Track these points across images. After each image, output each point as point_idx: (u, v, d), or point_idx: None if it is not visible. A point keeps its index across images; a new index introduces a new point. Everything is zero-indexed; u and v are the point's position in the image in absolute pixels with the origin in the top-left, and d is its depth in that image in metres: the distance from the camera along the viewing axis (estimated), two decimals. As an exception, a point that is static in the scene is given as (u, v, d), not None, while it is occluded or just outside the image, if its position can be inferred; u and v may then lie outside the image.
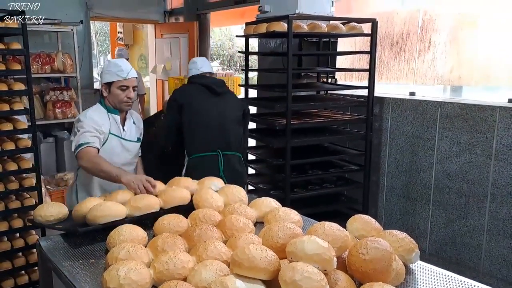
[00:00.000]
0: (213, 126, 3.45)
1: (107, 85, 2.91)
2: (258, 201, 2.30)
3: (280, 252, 1.63)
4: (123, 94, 2.89)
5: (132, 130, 3.06)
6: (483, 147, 3.59)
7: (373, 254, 1.52)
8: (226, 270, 1.61)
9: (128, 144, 3.01)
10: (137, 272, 1.56)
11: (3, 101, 3.37)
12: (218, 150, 3.44)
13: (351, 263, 1.56)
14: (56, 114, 5.89)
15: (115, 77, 2.87)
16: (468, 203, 3.73)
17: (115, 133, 2.94)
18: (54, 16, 5.87)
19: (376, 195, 4.49)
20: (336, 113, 4.62)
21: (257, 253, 1.53)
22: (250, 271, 1.50)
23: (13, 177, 3.48)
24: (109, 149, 2.90)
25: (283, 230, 1.72)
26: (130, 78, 2.91)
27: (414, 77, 4.63)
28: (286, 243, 1.63)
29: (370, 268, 1.50)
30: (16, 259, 3.56)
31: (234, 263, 1.54)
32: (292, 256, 1.55)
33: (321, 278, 1.43)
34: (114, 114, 2.95)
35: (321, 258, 1.50)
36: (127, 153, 3.02)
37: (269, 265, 1.51)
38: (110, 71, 2.90)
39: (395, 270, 1.55)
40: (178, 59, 7.58)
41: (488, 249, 3.62)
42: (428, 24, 4.45)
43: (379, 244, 1.55)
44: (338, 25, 4.07)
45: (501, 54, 3.92)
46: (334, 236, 1.65)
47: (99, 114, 2.92)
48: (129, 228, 1.96)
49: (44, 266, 2.05)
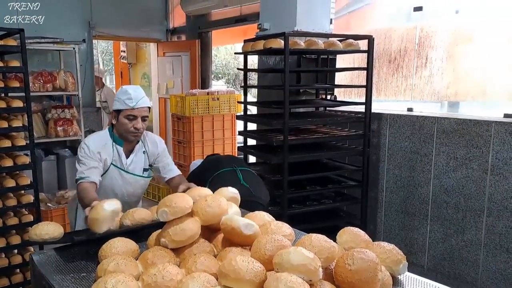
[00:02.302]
0: None
1: (116, 113, 2.74)
2: (251, 215, 2.25)
3: (268, 264, 1.63)
4: (130, 124, 2.70)
5: (138, 162, 2.88)
6: (479, 161, 3.60)
7: (359, 265, 1.52)
8: (214, 282, 1.61)
9: (130, 177, 2.86)
10: (125, 284, 1.57)
11: (2, 118, 3.42)
12: None
13: (338, 274, 1.57)
14: (58, 132, 5.94)
15: (123, 105, 2.69)
16: (465, 217, 3.72)
17: (117, 165, 2.80)
18: (56, 35, 5.97)
19: (375, 211, 4.49)
20: (334, 129, 4.64)
21: (244, 265, 1.53)
22: (236, 283, 1.51)
23: (11, 194, 3.51)
24: (110, 179, 2.79)
25: (271, 242, 1.71)
26: (139, 108, 2.70)
27: (412, 93, 4.66)
28: (274, 255, 1.63)
29: (356, 278, 1.51)
30: (14, 276, 3.58)
31: (221, 274, 1.55)
32: (278, 268, 1.55)
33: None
34: (118, 145, 2.80)
35: (306, 268, 1.51)
36: (128, 185, 2.86)
37: (255, 276, 1.52)
38: (119, 98, 2.72)
39: (381, 281, 1.55)
40: (180, 77, 7.66)
41: (486, 264, 3.60)
42: (425, 41, 4.50)
43: (365, 255, 1.55)
44: (335, 42, 4.12)
45: (497, 69, 3.96)
46: (320, 247, 1.66)
47: (103, 142, 2.78)
48: (122, 241, 1.97)
49: (36, 280, 2.06)
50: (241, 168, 3.38)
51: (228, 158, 3.89)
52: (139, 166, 2.88)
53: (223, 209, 1.99)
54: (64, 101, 6.39)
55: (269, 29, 4.66)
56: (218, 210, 1.96)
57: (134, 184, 2.88)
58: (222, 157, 3.85)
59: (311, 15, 4.56)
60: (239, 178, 3.32)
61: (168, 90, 7.87)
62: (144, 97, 2.76)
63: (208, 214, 1.93)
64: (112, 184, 2.79)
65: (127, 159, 2.82)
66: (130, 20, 7.36)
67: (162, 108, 8.33)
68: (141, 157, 2.89)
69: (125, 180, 2.83)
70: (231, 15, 6.81)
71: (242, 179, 3.33)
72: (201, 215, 1.94)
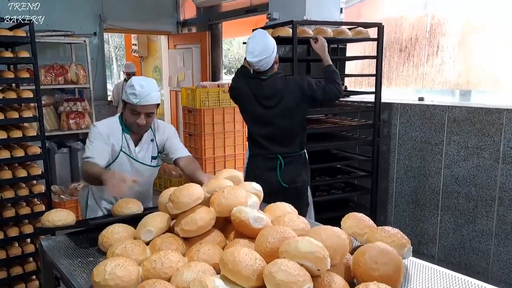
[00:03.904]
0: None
1: (123, 103, 2.70)
2: (273, 206, 2.18)
3: (269, 257, 1.57)
4: (133, 118, 2.65)
5: (147, 150, 2.85)
6: (491, 150, 3.55)
7: (384, 270, 1.52)
8: (211, 272, 1.59)
9: (139, 166, 2.82)
10: (123, 268, 1.58)
11: (13, 109, 3.46)
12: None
13: (358, 275, 1.58)
14: (70, 125, 5.99)
15: (128, 98, 2.62)
16: (476, 207, 3.68)
17: (126, 152, 2.78)
18: (68, 28, 6.01)
19: (385, 201, 4.47)
20: (344, 119, 4.62)
21: (245, 259, 1.49)
22: (232, 275, 1.48)
23: (23, 184, 3.56)
24: (119, 166, 2.77)
25: (273, 234, 1.65)
26: (143, 105, 2.60)
27: (422, 82, 4.62)
28: (274, 247, 1.59)
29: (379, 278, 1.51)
30: (27, 264, 3.63)
31: (221, 262, 1.53)
32: (285, 256, 1.50)
33: (300, 273, 1.39)
34: (127, 133, 2.77)
35: (315, 256, 1.46)
36: (137, 173, 2.80)
37: (252, 274, 1.47)
38: (126, 90, 2.64)
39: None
40: (190, 69, 7.68)
41: (497, 254, 3.57)
42: (436, 28, 4.45)
43: (389, 258, 1.56)
44: (344, 30, 4.09)
45: (509, 57, 3.89)
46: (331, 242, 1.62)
47: (113, 128, 2.76)
48: (122, 227, 2.00)
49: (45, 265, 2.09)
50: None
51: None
52: (148, 155, 2.87)
53: (239, 201, 1.94)
54: (76, 94, 6.45)
55: (278, 19, 4.64)
56: (234, 201, 1.92)
57: (143, 173, 2.86)
58: None
59: (320, 4, 4.54)
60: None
61: (179, 82, 7.89)
62: (150, 94, 2.62)
63: (223, 205, 1.90)
64: (121, 171, 2.79)
65: (135, 147, 2.83)
66: (140, 13, 7.38)
67: (174, 101, 8.36)
68: (150, 145, 2.88)
69: (134, 168, 2.81)
70: (241, 6, 6.81)
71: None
72: (216, 206, 1.92)
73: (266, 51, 3.14)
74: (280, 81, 3.21)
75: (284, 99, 3.19)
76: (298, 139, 3.32)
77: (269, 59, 3.17)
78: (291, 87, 3.19)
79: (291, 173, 3.30)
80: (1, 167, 3.47)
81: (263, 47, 3.14)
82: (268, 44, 3.17)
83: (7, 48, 3.71)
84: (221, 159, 5.93)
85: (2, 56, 3.42)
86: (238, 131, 6.09)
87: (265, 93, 3.23)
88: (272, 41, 3.20)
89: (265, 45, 3.15)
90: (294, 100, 3.19)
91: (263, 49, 3.14)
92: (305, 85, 3.19)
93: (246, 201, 1.98)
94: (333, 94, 3.26)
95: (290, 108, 3.20)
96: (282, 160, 3.27)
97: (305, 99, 3.21)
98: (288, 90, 3.18)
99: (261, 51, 3.13)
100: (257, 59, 3.14)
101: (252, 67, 3.25)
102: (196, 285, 1.39)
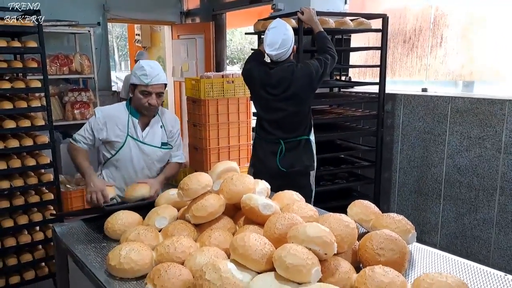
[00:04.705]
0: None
1: (132, 87, 2.83)
2: (280, 194, 2.21)
3: (278, 242, 1.61)
4: (145, 99, 2.77)
5: (155, 135, 2.94)
6: (493, 140, 3.60)
7: (389, 256, 1.59)
8: (223, 256, 1.64)
9: (147, 149, 2.91)
10: (138, 252, 1.64)
11: (21, 99, 3.51)
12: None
13: (364, 260, 1.64)
14: (75, 115, 6.02)
15: (138, 80, 2.76)
16: (478, 196, 3.74)
17: (133, 136, 2.87)
18: (71, 18, 6.03)
19: (389, 191, 4.52)
20: (348, 109, 4.66)
21: (254, 244, 1.54)
22: (242, 259, 1.53)
23: (32, 173, 3.61)
24: (127, 151, 2.87)
25: (281, 220, 1.70)
26: (154, 85, 2.76)
27: (426, 73, 4.65)
28: (283, 233, 1.64)
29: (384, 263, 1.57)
30: (37, 252, 3.69)
31: (231, 247, 1.58)
32: (293, 240, 1.55)
33: (309, 257, 1.45)
34: (134, 118, 2.87)
35: (322, 240, 1.51)
36: (145, 157, 2.92)
37: (261, 258, 1.52)
38: (135, 73, 2.79)
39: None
40: (194, 60, 7.69)
41: (497, 242, 3.63)
42: (440, 20, 4.47)
43: (396, 245, 1.62)
44: (346, 21, 4.12)
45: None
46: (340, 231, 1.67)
47: (117, 113, 2.88)
48: (126, 214, 2.08)
49: (59, 251, 2.15)
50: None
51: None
52: (157, 139, 2.95)
53: (248, 188, 1.99)
54: (80, 84, 6.48)
55: (283, 9, 4.67)
56: (242, 188, 1.97)
57: (151, 156, 2.94)
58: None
59: (325, -5, 4.56)
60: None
61: (183, 73, 7.91)
62: (159, 74, 2.80)
63: (232, 192, 1.96)
64: (130, 156, 2.88)
65: (142, 131, 2.90)
66: (144, 3, 7.38)
67: (177, 91, 8.38)
68: (158, 130, 2.96)
69: (143, 151, 2.90)
70: (245, -4, 6.80)
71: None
72: (225, 193, 1.98)
73: (286, 44, 3.16)
74: (287, 70, 3.23)
75: (290, 88, 3.23)
76: (302, 125, 3.37)
77: (288, 51, 3.21)
78: (298, 75, 3.22)
79: (291, 158, 3.36)
80: (10, 156, 3.51)
81: (283, 40, 3.15)
82: (289, 36, 3.18)
83: (13, 37, 3.74)
84: (225, 149, 5.97)
85: (10, 46, 3.45)
86: (242, 121, 6.12)
87: (272, 81, 3.27)
88: (292, 33, 3.22)
89: (285, 38, 3.16)
90: (301, 87, 3.23)
91: (283, 43, 3.16)
92: (313, 71, 3.22)
93: (254, 187, 2.04)
94: (333, 63, 3.35)
95: (296, 96, 3.25)
96: (284, 145, 3.33)
97: (313, 84, 3.26)
98: (295, 78, 3.21)
99: (281, 44, 3.16)
100: (276, 52, 3.18)
101: (270, 57, 3.29)
102: (210, 268, 1.44)
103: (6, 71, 3.53)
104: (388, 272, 1.45)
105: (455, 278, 1.39)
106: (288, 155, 3.34)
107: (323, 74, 3.27)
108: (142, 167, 2.93)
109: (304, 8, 3.53)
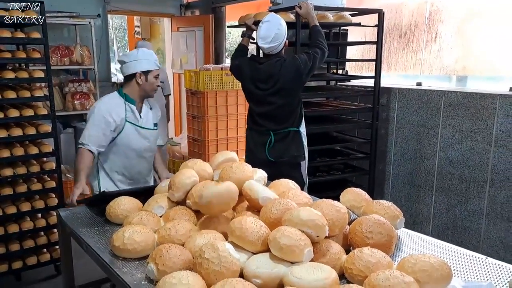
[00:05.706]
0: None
1: (144, 74, 2.99)
2: (277, 182, 2.31)
3: (273, 226, 1.71)
4: (157, 82, 3.07)
5: (148, 116, 3.13)
6: (484, 134, 3.70)
7: (378, 239, 1.69)
8: (221, 239, 1.74)
9: (145, 132, 3.09)
10: (141, 234, 1.75)
11: (25, 89, 3.59)
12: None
13: (354, 242, 1.75)
14: (75, 105, 6.11)
15: (153, 65, 3.02)
16: (468, 188, 3.84)
17: (132, 121, 3.02)
18: (72, 9, 6.09)
19: (383, 183, 4.62)
20: (344, 102, 4.75)
21: (251, 226, 1.64)
22: (239, 240, 1.63)
23: (34, 161, 3.69)
24: (126, 136, 3.01)
25: (276, 206, 1.80)
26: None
27: (421, 68, 4.74)
28: (278, 217, 1.73)
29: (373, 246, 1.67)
30: (39, 238, 3.79)
31: (229, 229, 1.69)
32: (288, 224, 1.65)
33: (302, 238, 1.55)
34: (131, 104, 3.01)
35: (314, 223, 1.62)
36: (144, 140, 3.10)
37: (257, 239, 1.62)
38: (148, 60, 3.00)
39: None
40: (194, 52, 7.76)
41: (487, 232, 3.74)
42: (435, 15, 4.55)
43: (384, 229, 1.73)
44: (344, 15, 4.20)
45: (504, 44, 4.01)
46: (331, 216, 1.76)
47: (115, 104, 3.00)
48: (127, 199, 2.18)
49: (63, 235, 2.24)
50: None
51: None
52: (150, 121, 3.16)
53: (246, 175, 2.08)
54: (80, 75, 6.55)
55: (282, 3, 4.72)
56: (241, 176, 2.06)
57: (149, 138, 3.15)
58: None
59: (323, -10, 4.62)
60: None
61: (182, 65, 7.97)
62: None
63: (232, 180, 2.03)
64: (129, 140, 3.03)
65: (140, 115, 3.09)
66: (144, -5, 7.44)
67: (177, 83, 8.44)
68: (149, 112, 3.17)
69: (141, 134, 3.08)
70: (244, -11, 6.86)
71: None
72: (225, 180, 2.05)
73: (278, 38, 3.26)
74: (275, 65, 3.33)
75: (279, 82, 3.33)
76: (292, 117, 3.47)
77: (280, 45, 3.30)
78: (286, 70, 3.31)
79: (279, 149, 3.47)
80: (14, 144, 3.60)
81: (276, 35, 3.25)
82: (282, 31, 3.28)
83: (16, 28, 3.81)
84: (223, 141, 6.06)
85: (15, 37, 3.53)
86: (240, 113, 6.19)
87: (261, 76, 3.39)
88: (285, 27, 3.31)
89: (278, 33, 3.25)
90: (290, 80, 3.33)
91: (276, 37, 3.25)
92: (301, 65, 3.31)
93: (252, 175, 2.13)
94: (322, 56, 3.43)
95: (285, 89, 3.35)
96: (273, 137, 3.45)
97: (302, 77, 3.35)
98: (282, 73, 3.31)
99: (274, 38, 3.25)
100: (268, 45, 3.27)
101: (262, 50, 3.38)
102: (209, 248, 1.54)
103: (11, 61, 3.62)
104: (376, 253, 1.55)
105: (437, 259, 1.49)
106: (277, 145, 3.46)
107: (312, 67, 3.36)
108: (140, 150, 3.09)
109: (302, 2, 3.61)
